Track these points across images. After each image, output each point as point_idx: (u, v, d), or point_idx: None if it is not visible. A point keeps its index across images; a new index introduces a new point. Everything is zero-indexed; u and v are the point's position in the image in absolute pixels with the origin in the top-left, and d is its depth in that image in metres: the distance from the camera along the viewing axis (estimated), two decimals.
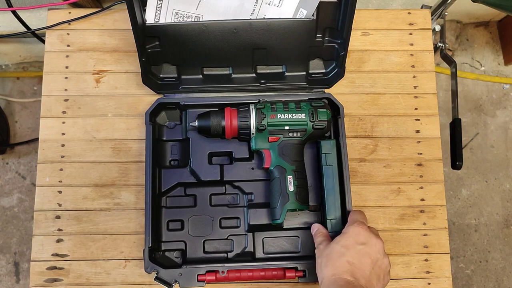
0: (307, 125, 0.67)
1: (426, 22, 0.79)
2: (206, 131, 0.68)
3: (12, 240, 1.40)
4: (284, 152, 0.67)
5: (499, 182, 1.51)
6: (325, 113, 0.68)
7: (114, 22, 0.77)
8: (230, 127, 0.67)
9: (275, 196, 0.66)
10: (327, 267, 0.57)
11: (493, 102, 1.58)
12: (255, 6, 0.65)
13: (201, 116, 0.68)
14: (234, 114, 0.68)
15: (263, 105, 0.68)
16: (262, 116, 0.67)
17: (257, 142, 0.68)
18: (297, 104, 0.68)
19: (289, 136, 0.67)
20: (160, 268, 0.64)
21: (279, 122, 0.67)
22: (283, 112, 0.67)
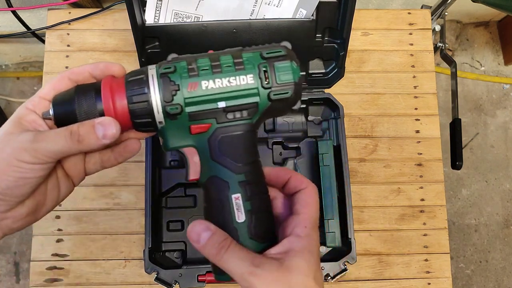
0: (258, 95, 0.37)
1: (426, 22, 0.79)
2: (72, 122, 0.37)
3: (12, 240, 1.40)
4: (222, 150, 0.38)
5: (499, 182, 1.51)
6: (289, 67, 0.37)
7: (114, 22, 0.77)
8: (114, 112, 0.37)
9: None
10: None
11: (493, 102, 1.58)
12: (255, 6, 0.65)
13: (60, 99, 0.37)
14: (119, 88, 0.37)
15: (172, 67, 0.37)
16: (172, 87, 0.36)
17: (170, 137, 0.38)
18: (237, 56, 0.37)
19: (227, 119, 0.37)
20: (160, 269, 0.64)
21: (207, 96, 0.36)
22: (211, 76, 0.36)
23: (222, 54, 0.38)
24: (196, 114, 0.37)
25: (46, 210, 0.39)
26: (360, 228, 0.71)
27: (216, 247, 0.35)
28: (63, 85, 0.38)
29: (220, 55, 0.37)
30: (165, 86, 0.36)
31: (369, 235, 0.71)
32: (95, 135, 0.36)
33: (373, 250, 0.70)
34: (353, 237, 0.65)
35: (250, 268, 0.34)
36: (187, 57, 0.38)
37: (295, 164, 0.71)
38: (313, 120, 0.73)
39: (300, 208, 0.38)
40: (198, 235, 0.36)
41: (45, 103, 0.38)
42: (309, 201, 0.39)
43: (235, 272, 0.34)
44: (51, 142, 0.35)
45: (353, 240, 0.65)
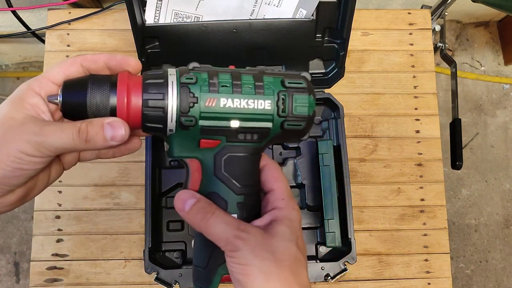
0: (272, 122, 0.37)
1: (426, 22, 0.79)
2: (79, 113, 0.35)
3: (12, 240, 1.40)
4: (226, 169, 0.37)
5: (499, 182, 1.51)
6: (306, 101, 0.37)
7: (114, 22, 0.77)
8: (127, 111, 0.35)
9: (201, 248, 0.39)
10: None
11: (493, 102, 1.58)
12: (255, 6, 0.65)
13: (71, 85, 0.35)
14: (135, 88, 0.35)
15: (194, 77, 0.36)
16: (191, 99, 0.35)
17: (177, 145, 0.37)
18: (258, 79, 0.37)
19: (237, 139, 0.37)
20: (160, 269, 0.64)
21: (223, 114, 0.36)
22: (230, 95, 0.35)
23: (244, 73, 0.37)
24: (209, 129, 0.36)
25: (34, 195, 0.38)
26: (360, 228, 0.71)
27: (202, 212, 0.35)
28: (74, 71, 0.36)
29: (242, 74, 0.37)
30: (183, 97, 0.35)
31: (369, 235, 0.71)
32: (103, 136, 0.34)
33: (373, 250, 0.70)
34: (353, 237, 0.65)
35: (236, 232, 0.34)
36: (209, 69, 0.37)
37: (295, 164, 0.71)
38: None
39: (272, 185, 0.39)
40: (183, 202, 0.36)
41: (52, 87, 0.36)
42: (276, 176, 0.39)
43: (221, 236, 0.34)
44: (58, 138, 0.33)
45: (353, 240, 0.65)
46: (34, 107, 0.35)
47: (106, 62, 0.37)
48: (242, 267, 0.34)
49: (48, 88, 0.35)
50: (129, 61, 0.37)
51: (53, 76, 0.36)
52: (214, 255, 0.38)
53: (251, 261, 0.34)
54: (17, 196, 0.36)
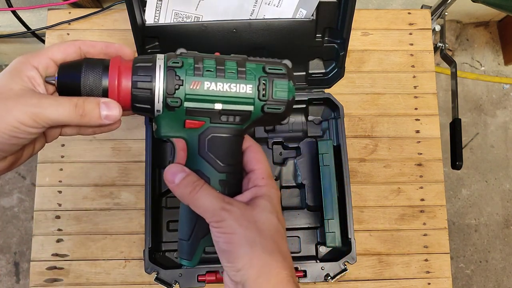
0: (253, 105, 0.40)
1: (426, 22, 0.79)
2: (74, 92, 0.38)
3: (12, 240, 1.40)
4: (209, 148, 0.40)
5: (499, 182, 1.51)
6: (286, 86, 0.40)
7: (114, 22, 0.77)
8: (117, 92, 0.38)
9: (186, 220, 0.41)
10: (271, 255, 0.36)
11: (493, 102, 1.58)
12: (255, 6, 0.65)
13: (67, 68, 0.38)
14: (126, 70, 0.38)
15: (180, 62, 0.38)
16: (177, 82, 0.38)
17: (164, 126, 0.40)
18: (241, 65, 0.40)
19: (220, 121, 0.40)
20: (160, 269, 0.64)
21: (207, 96, 0.39)
22: (214, 79, 0.39)
23: (228, 59, 0.40)
24: (193, 111, 0.39)
25: (19, 164, 0.40)
26: (360, 228, 0.71)
27: (191, 185, 0.38)
28: (72, 52, 0.39)
29: (225, 60, 0.40)
30: (170, 79, 0.38)
31: (369, 235, 0.71)
32: (98, 114, 0.37)
33: (373, 250, 0.70)
34: (353, 237, 0.65)
35: (222, 204, 0.37)
36: (195, 55, 0.39)
37: (295, 164, 0.71)
38: (313, 120, 0.73)
39: (253, 165, 0.42)
40: (173, 175, 0.39)
41: (49, 63, 0.38)
42: (258, 157, 0.42)
43: (208, 208, 0.37)
44: (55, 111, 0.35)
45: (353, 240, 0.65)
46: (31, 79, 0.37)
47: (104, 48, 0.40)
48: (227, 236, 0.36)
49: (45, 64, 0.38)
50: (124, 49, 0.41)
51: (52, 54, 0.38)
52: (196, 228, 0.40)
53: (236, 230, 0.36)
54: (7, 164, 0.38)
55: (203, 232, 0.40)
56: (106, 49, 0.40)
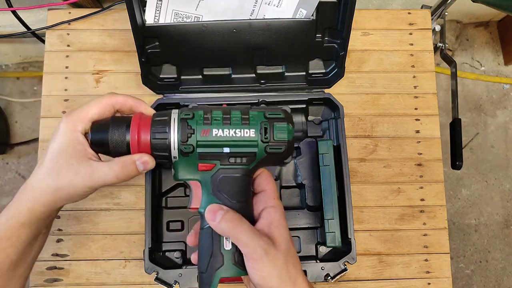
0: (257, 147, 0.45)
1: (426, 22, 0.79)
2: (104, 147, 0.48)
3: None
4: (221, 188, 0.46)
5: (499, 182, 1.51)
6: (285, 128, 0.46)
7: (114, 22, 0.77)
8: (138, 144, 0.46)
9: (204, 255, 0.46)
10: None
11: (493, 102, 1.58)
12: (255, 6, 0.65)
13: (97, 127, 0.48)
14: (145, 124, 0.46)
15: (191, 114, 0.45)
16: (188, 131, 0.45)
17: (181, 170, 0.47)
18: (244, 113, 0.46)
19: (229, 163, 0.46)
20: (160, 269, 0.64)
21: (215, 142, 0.45)
22: (221, 126, 0.45)
23: (233, 109, 0.46)
24: (205, 155, 0.45)
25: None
26: (360, 228, 0.71)
27: (232, 221, 0.43)
28: (107, 111, 0.49)
29: (231, 110, 0.46)
30: (183, 129, 0.45)
31: (369, 235, 0.71)
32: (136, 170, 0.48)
33: (373, 250, 0.70)
34: (353, 237, 0.65)
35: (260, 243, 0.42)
36: (205, 108, 0.46)
37: (295, 164, 0.71)
38: (313, 120, 0.73)
39: (264, 186, 0.48)
40: (214, 214, 0.44)
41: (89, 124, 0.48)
42: (269, 179, 0.48)
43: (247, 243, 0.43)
44: (104, 178, 0.47)
45: (353, 240, 0.65)
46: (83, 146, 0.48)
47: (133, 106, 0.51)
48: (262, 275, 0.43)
49: (87, 126, 0.48)
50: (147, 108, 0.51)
51: (92, 116, 0.48)
52: (212, 260, 0.45)
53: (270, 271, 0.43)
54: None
55: (218, 263, 0.44)
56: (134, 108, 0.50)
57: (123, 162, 0.47)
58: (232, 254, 0.45)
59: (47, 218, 0.50)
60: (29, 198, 0.47)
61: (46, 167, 0.47)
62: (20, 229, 0.48)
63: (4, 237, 0.47)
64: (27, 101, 1.49)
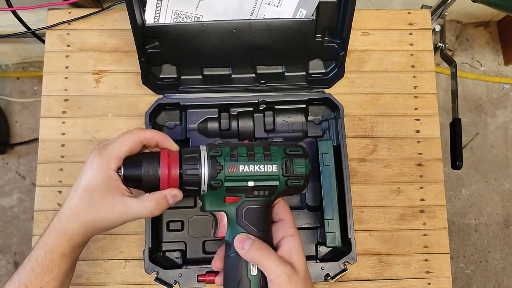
0: (278, 180, 0.50)
1: (426, 22, 0.79)
2: (136, 183, 0.51)
3: (12, 240, 1.40)
4: (246, 218, 0.50)
5: (499, 182, 1.51)
6: (303, 164, 0.50)
7: (114, 22, 0.77)
8: (168, 179, 0.49)
9: (232, 279, 0.49)
10: None
11: (493, 102, 1.58)
12: (255, 6, 0.65)
13: (130, 163, 0.50)
14: (174, 160, 0.49)
15: (219, 151, 0.49)
16: (218, 167, 0.48)
17: (208, 203, 0.50)
18: (266, 149, 0.50)
19: (253, 195, 0.50)
20: (160, 269, 0.64)
21: (242, 176, 0.49)
22: (246, 162, 0.49)
23: (256, 145, 0.50)
24: (232, 188, 0.49)
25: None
26: (360, 228, 0.71)
27: (260, 250, 0.47)
28: (137, 146, 0.51)
29: (254, 146, 0.50)
30: (212, 166, 0.48)
31: (369, 235, 0.71)
32: (167, 204, 0.50)
33: (373, 250, 0.70)
34: (353, 237, 0.65)
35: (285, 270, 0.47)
36: (230, 144, 0.50)
37: None
38: (313, 120, 0.73)
39: (282, 216, 0.52)
40: (242, 243, 0.48)
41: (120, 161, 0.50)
42: (286, 209, 0.53)
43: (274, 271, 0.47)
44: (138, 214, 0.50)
45: (353, 240, 0.65)
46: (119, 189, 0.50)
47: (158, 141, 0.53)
48: None
49: (118, 163, 0.50)
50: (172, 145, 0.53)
51: (124, 154, 0.50)
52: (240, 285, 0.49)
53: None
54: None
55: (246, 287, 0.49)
56: (160, 144, 0.53)
57: (156, 199, 0.50)
58: (258, 279, 0.49)
59: (82, 246, 0.53)
60: (67, 229, 0.49)
61: (82, 201, 0.49)
62: (61, 261, 0.50)
63: (46, 270, 0.49)
64: (27, 101, 1.49)
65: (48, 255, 0.49)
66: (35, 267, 0.49)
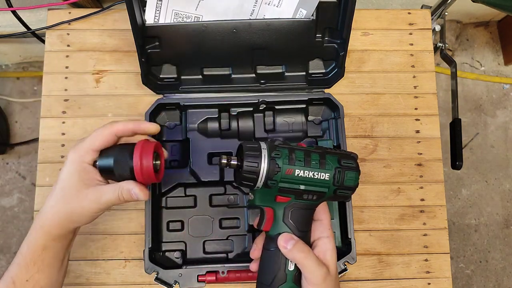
0: (328, 189, 0.51)
1: (426, 22, 0.79)
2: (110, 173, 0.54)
3: (12, 240, 1.40)
4: (292, 218, 0.52)
5: (499, 182, 1.51)
6: (354, 177, 0.52)
7: (114, 22, 0.77)
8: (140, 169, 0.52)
9: (268, 272, 0.52)
10: None
11: (493, 102, 1.58)
12: (255, 6, 0.65)
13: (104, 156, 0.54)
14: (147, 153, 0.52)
15: (279, 153, 0.49)
16: (276, 169, 0.49)
17: (259, 197, 0.52)
18: (322, 157, 0.51)
19: (302, 198, 0.51)
20: (160, 269, 0.64)
21: (295, 180, 0.50)
22: (302, 167, 0.50)
23: (312, 151, 0.51)
24: (284, 189, 0.50)
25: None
26: (360, 228, 0.71)
27: (302, 252, 0.50)
28: (111, 139, 0.54)
29: (311, 152, 0.51)
30: (272, 166, 0.49)
31: (369, 235, 0.71)
32: (132, 197, 0.53)
33: (373, 250, 0.70)
34: (353, 237, 0.65)
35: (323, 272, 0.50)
36: (289, 147, 0.51)
37: None
38: (313, 120, 0.73)
39: (321, 216, 0.54)
40: (286, 242, 0.50)
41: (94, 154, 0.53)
42: (326, 210, 0.55)
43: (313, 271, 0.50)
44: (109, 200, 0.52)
45: (353, 240, 0.65)
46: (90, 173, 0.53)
47: (133, 130, 0.54)
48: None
49: (93, 156, 0.53)
50: (149, 127, 0.55)
51: (97, 147, 0.53)
52: (276, 277, 0.51)
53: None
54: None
55: (281, 280, 0.51)
56: (134, 130, 0.54)
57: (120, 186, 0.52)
58: (294, 274, 0.52)
59: (64, 240, 0.54)
60: (44, 222, 0.52)
61: (57, 194, 0.52)
62: (42, 253, 0.51)
63: (29, 263, 0.51)
64: (27, 101, 1.49)
65: (30, 249, 0.51)
66: (21, 261, 0.51)
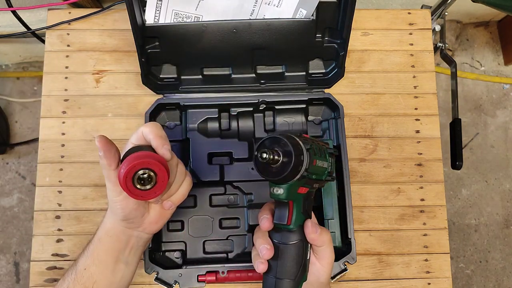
0: (324, 176, 0.54)
1: (426, 22, 0.79)
2: None
3: (12, 240, 1.40)
4: (306, 208, 0.52)
5: (499, 182, 1.51)
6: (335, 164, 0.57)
7: (114, 22, 0.77)
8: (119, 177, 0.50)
9: (292, 265, 0.51)
10: None
11: (493, 102, 1.58)
12: (255, 6, 0.65)
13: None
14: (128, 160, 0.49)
15: (309, 145, 0.49)
16: (311, 161, 0.49)
17: (289, 192, 0.49)
18: (321, 147, 0.54)
19: (312, 187, 0.53)
20: (160, 269, 0.64)
21: (315, 170, 0.51)
22: (320, 158, 0.51)
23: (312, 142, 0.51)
24: (309, 180, 0.50)
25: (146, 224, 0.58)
26: (360, 228, 0.71)
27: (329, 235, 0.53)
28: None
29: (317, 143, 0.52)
30: (309, 159, 0.48)
31: (369, 235, 0.71)
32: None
33: (373, 250, 0.70)
34: (353, 237, 0.65)
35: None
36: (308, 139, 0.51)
37: None
38: (313, 120, 0.73)
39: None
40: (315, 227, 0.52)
41: None
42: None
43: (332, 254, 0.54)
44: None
45: (353, 240, 0.65)
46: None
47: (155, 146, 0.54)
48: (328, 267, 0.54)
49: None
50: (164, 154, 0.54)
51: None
52: (301, 270, 0.52)
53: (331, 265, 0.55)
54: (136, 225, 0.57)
55: (304, 273, 0.52)
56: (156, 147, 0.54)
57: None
58: (309, 261, 0.53)
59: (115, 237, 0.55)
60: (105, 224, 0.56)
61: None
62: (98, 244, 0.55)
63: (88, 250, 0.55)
64: (27, 101, 1.49)
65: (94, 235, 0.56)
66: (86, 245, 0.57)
